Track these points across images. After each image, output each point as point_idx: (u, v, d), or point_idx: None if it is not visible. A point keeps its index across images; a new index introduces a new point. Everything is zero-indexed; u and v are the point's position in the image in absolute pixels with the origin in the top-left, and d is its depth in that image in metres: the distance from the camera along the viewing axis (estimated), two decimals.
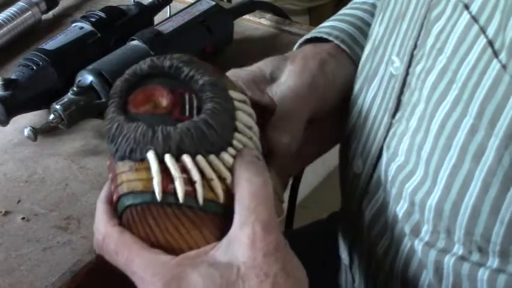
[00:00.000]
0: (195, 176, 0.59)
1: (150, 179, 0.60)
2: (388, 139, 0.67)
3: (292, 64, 0.72)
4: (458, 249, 0.61)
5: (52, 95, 0.87)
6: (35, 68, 0.89)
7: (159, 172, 0.59)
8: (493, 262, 0.60)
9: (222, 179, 0.60)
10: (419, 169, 0.62)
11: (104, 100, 0.86)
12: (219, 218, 0.60)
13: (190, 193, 0.60)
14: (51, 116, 0.84)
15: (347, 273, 0.78)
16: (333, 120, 0.75)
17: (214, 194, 0.60)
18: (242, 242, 0.56)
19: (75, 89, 0.85)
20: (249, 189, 0.57)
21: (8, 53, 0.99)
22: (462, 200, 0.59)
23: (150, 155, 0.60)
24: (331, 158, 0.85)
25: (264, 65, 0.73)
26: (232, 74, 0.70)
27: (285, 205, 0.69)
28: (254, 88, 0.69)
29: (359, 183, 0.71)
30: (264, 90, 0.70)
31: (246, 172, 0.58)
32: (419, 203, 0.62)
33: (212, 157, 0.60)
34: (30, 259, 0.74)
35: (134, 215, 0.61)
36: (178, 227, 0.61)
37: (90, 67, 0.87)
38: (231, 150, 0.60)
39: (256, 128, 0.63)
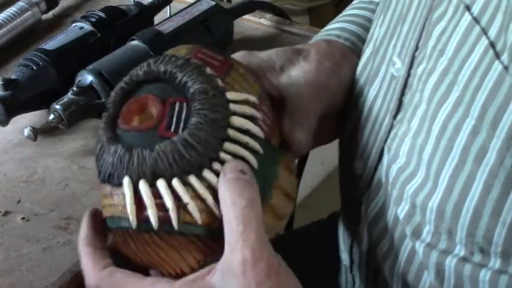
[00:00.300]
0: (168, 202, 0.59)
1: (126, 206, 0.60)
2: (389, 140, 0.67)
3: (306, 61, 0.71)
4: (460, 250, 0.61)
5: (52, 95, 0.87)
6: (35, 68, 0.89)
7: (132, 200, 0.59)
8: (495, 263, 0.60)
9: (202, 199, 0.59)
10: (420, 171, 0.62)
11: (103, 100, 0.86)
12: (201, 239, 0.60)
13: (165, 218, 0.59)
14: (51, 116, 0.84)
15: (347, 274, 0.78)
16: (335, 118, 0.75)
17: (192, 217, 0.59)
18: (234, 271, 0.56)
19: (75, 89, 0.85)
20: (234, 213, 0.56)
21: (8, 53, 0.99)
22: (464, 202, 0.59)
23: (125, 182, 0.59)
24: (331, 158, 0.85)
25: (275, 55, 0.71)
26: (243, 58, 0.69)
27: None
28: (261, 77, 0.69)
29: (359, 185, 0.71)
30: (271, 81, 0.70)
31: (229, 193, 0.57)
32: (421, 205, 0.62)
33: (191, 178, 0.59)
34: (30, 259, 0.74)
35: (118, 238, 0.62)
36: (158, 252, 0.61)
37: (90, 67, 0.87)
38: (216, 165, 0.59)
39: (256, 129, 0.62)
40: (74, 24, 0.95)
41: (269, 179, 0.62)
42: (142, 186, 0.59)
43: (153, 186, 0.59)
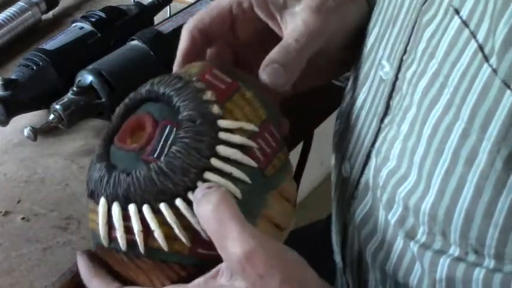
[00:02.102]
0: (135, 227, 0.60)
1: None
2: (377, 144, 0.67)
3: None
4: (454, 250, 0.61)
5: (52, 95, 0.87)
6: (35, 68, 0.89)
7: (105, 220, 0.62)
8: (489, 263, 0.60)
9: (170, 227, 0.60)
10: (412, 174, 0.62)
11: (103, 100, 0.86)
12: (169, 265, 0.61)
13: (132, 242, 0.61)
14: (51, 116, 0.84)
15: (342, 277, 0.78)
16: (328, 59, 0.74)
17: (158, 243, 0.60)
18: (236, 271, 0.56)
19: (75, 89, 0.85)
20: (209, 219, 0.56)
21: (8, 53, 0.99)
22: (456, 205, 0.59)
23: (101, 201, 0.62)
24: (330, 158, 0.85)
25: None
26: None
27: None
28: (265, 9, 0.68)
29: (347, 187, 0.71)
30: (274, 15, 0.69)
31: (200, 207, 0.57)
32: (413, 208, 0.62)
33: (162, 205, 0.60)
34: (30, 259, 0.74)
35: (99, 252, 0.65)
36: (129, 272, 0.62)
37: (90, 67, 0.87)
38: (191, 195, 0.59)
39: (245, 159, 0.61)
40: (74, 24, 0.95)
41: (255, 209, 0.62)
42: (114, 208, 0.61)
43: (125, 209, 0.61)
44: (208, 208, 0.56)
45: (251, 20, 0.72)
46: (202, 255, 0.60)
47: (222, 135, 0.61)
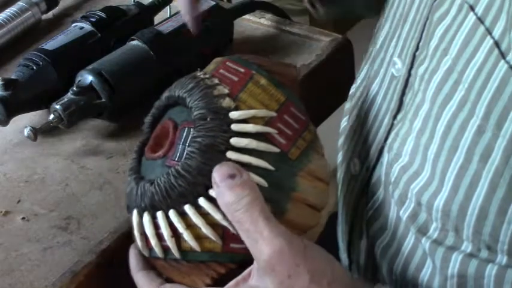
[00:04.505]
0: (164, 233, 0.62)
1: None
2: (389, 140, 0.67)
3: None
4: (467, 246, 0.61)
5: (52, 95, 0.87)
6: (35, 68, 0.89)
7: (140, 231, 0.63)
8: (502, 259, 0.60)
9: (197, 227, 0.61)
10: (425, 170, 0.62)
11: (103, 100, 0.86)
12: (207, 264, 0.62)
13: (167, 248, 0.62)
14: (51, 116, 0.84)
15: None
16: None
17: (189, 245, 0.61)
18: (266, 270, 0.58)
19: (75, 89, 0.85)
20: (240, 218, 0.58)
21: (8, 53, 0.99)
22: (470, 201, 0.59)
23: (134, 214, 0.64)
24: (331, 157, 0.85)
25: None
26: None
27: None
28: None
29: (356, 184, 0.71)
30: None
31: (226, 205, 0.58)
32: (426, 204, 0.62)
33: (186, 207, 0.61)
34: (30, 259, 0.74)
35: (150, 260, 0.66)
36: (173, 275, 0.64)
37: (90, 67, 0.87)
38: (213, 192, 0.60)
39: (263, 146, 0.61)
40: (74, 24, 0.95)
41: (285, 193, 0.62)
42: (145, 218, 0.62)
43: (155, 218, 0.62)
44: (240, 206, 0.57)
45: None
46: (238, 250, 0.61)
47: (235, 126, 0.61)
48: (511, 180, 0.57)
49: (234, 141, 0.61)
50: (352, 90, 0.77)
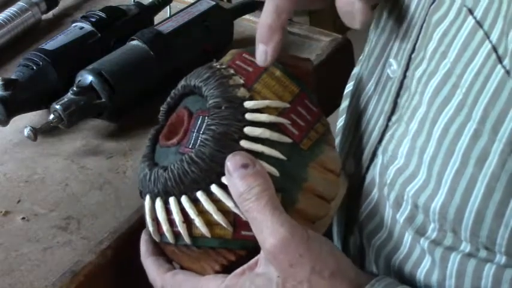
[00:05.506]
0: (176, 219, 0.62)
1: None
2: (384, 142, 0.67)
3: None
4: (465, 247, 0.61)
5: (52, 95, 0.87)
6: (35, 68, 0.89)
7: (152, 216, 0.64)
8: (500, 259, 0.60)
9: (209, 214, 0.62)
10: (421, 172, 0.62)
11: (103, 100, 0.86)
12: (217, 251, 0.63)
13: (178, 233, 0.63)
14: (51, 116, 0.84)
15: None
16: None
17: (200, 231, 0.62)
18: (269, 259, 0.59)
19: (75, 89, 0.85)
20: (249, 207, 0.59)
21: (8, 53, 0.99)
22: (466, 204, 0.59)
23: (146, 199, 0.65)
24: None
25: None
26: None
27: None
28: None
29: (351, 184, 0.71)
30: None
31: (238, 193, 0.60)
32: (423, 206, 0.62)
33: (198, 194, 0.62)
34: (30, 259, 0.74)
35: (161, 246, 0.67)
36: (183, 262, 0.65)
37: (90, 67, 0.87)
38: (225, 180, 0.61)
39: (276, 136, 0.62)
40: (74, 24, 0.95)
41: (296, 183, 0.63)
42: (157, 204, 0.63)
43: (167, 203, 0.63)
44: (246, 197, 0.59)
45: None
46: (248, 237, 0.62)
47: (249, 116, 0.62)
48: (507, 184, 0.57)
49: (247, 130, 0.62)
50: (346, 90, 0.77)
